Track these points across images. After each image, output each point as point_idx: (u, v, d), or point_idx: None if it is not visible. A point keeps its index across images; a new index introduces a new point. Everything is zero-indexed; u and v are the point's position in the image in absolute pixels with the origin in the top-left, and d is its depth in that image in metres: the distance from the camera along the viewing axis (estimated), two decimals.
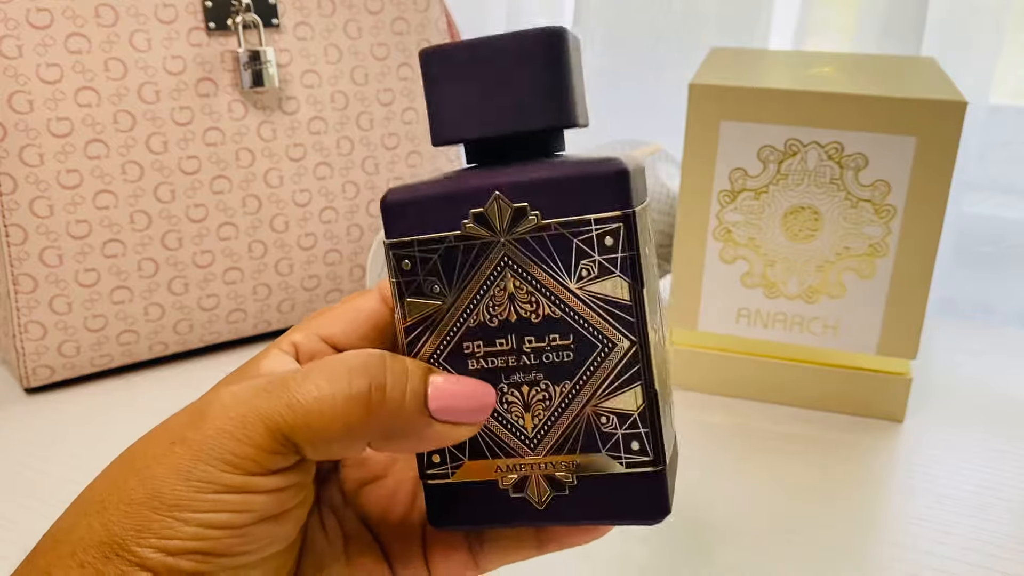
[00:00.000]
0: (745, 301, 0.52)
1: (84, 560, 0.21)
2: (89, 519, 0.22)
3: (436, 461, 0.25)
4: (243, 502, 0.22)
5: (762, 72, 0.54)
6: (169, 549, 0.21)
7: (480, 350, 0.24)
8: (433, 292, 0.24)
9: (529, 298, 0.24)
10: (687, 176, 0.51)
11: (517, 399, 0.24)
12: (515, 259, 0.23)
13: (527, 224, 0.23)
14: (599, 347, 0.23)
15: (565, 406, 0.24)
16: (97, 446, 0.50)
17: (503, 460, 0.25)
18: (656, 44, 0.81)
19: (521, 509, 0.25)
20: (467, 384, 0.24)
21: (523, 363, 0.24)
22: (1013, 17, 0.70)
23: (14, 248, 0.52)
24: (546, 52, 0.23)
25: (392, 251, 0.24)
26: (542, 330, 0.24)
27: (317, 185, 0.60)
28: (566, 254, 0.23)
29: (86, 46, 0.52)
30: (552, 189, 0.23)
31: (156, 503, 0.21)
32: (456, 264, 0.24)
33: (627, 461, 0.24)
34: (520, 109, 0.23)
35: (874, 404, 0.53)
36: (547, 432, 0.24)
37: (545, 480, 0.25)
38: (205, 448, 0.22)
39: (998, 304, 0.78)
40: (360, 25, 0.61)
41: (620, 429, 0.24)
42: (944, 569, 0.41)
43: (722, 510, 0.45)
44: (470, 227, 0.23)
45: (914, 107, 0.46)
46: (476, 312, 0.24)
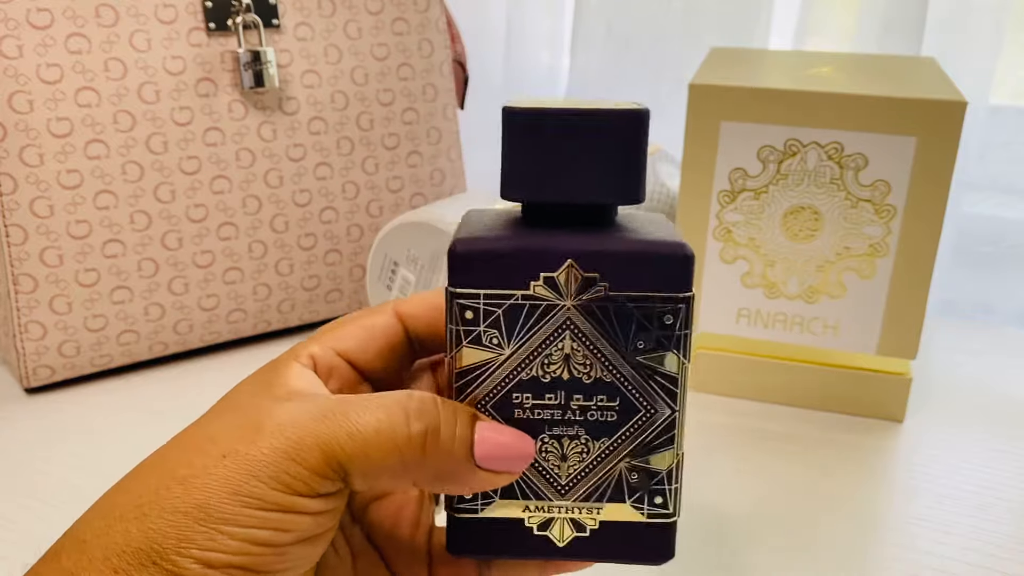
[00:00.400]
0: (745, 301, 0.52)
1: (118, 566, 0.21)
2: (126, 524, 0.22)
3: (467, 498, 0.26)
4: (288, 521, 0.22)
5: (762, 72, 0.54)
6: (210, 561, 0.21)
7: (528, 402, 0.25)
8: (491, 344, 0.25)
9: (584, 361, 0.25)
10: (687, 176, 0.51)
11: (555, 449, 0.26)
12: (577, 324, 0.25)
13: (594, 294, 0.25)
14: (642, 411, 0.25)
15: (600, 460, 0.26)
16: (97, 446, 0.50)
17: (533, 502, 0.26)
18: (656, 44, 0.81)
19: (542, 545, 0.26)
20: (509, 435, 0.25)
21: (567, 418, 0.25)
22: (1013, 17, 0.70)
23: (14, 248, 0.52)
24: (632, 133, 0.24)
25: (456, 300, 0.25)
26: (591, 391, 0.25)
27: (317, 185, 0.60)
28: (626, 325, 0.25)
29: (86, 46, 0.53)
30: (622, 263, 0.24)
31: (202, 515, 0.22)
32: (519, 321, 0.25)
33: (649, 512, 0.26)
34: (600, 182, 0.25)
35: (874, 404, 0.53)
36: (579, 481, 0.26)
37: (570, 523, 0.26)
38: (259, 465, 0.22)
39: (998, 304, 0.78)
40: (360, 25, 0.61)
41: (648, 484, 0.26)
42: (944, 569, 0.41)
43: (722, 510, 0.45)
44: (539, 288, 0.25)
45: (914, 107, 0.46)
46: (531, 367, 0.25)
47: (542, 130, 0.24)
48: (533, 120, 0.24)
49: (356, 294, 0.64)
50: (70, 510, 0.46)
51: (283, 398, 0.24)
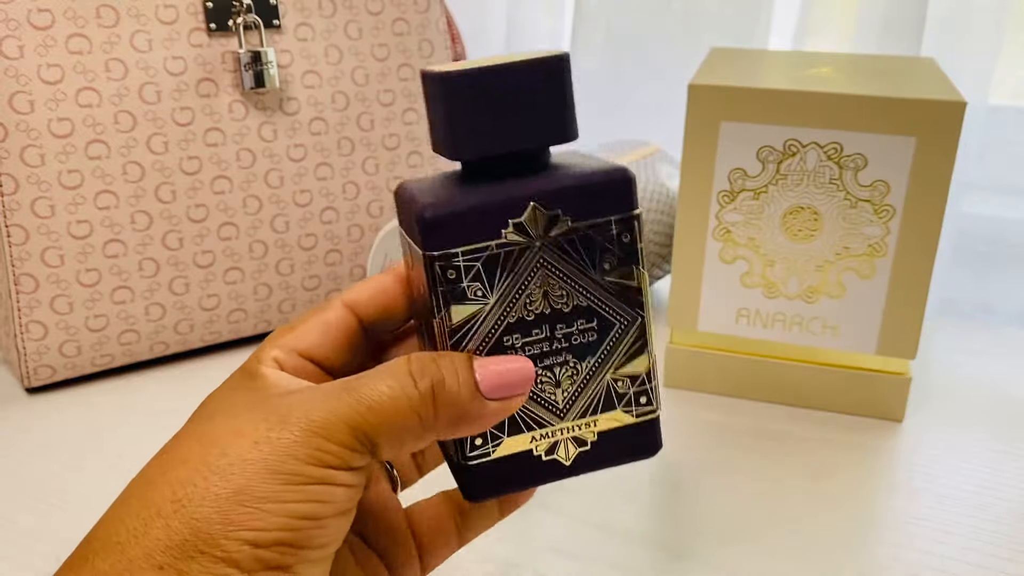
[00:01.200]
0: (745, 301, 0.52)
1: (163, 562, 0.22)
2: (166, 520, 0.22)
3: (478, 444, 0.27)
4: (326, 492, 0.23)
5: (762, 72, 0.54)
6: (258, 541, 0.22)
7: (518, 341, 0.27)
8: (476, 296, 0.26)
9: (561, 292, 0.27)
10: (687, 176, 0.51)
11: (549, 378, 0.28)
12: (549, 259, 0.27)
13: (560, 228, 0.26)
14: (616, 325, 0.28)
15: (589, 378, 0.28)
16: (98, 446, 0.50)
17: (537, 431, 0.28)
18: (656, 44, 0.82)
19: (551, 469, 0.28)
20: (507, 361, 0.26)
21: (555, 348, 0.27)
22: (1013, 17, 0.70)
23: (15, 248, 0.52)
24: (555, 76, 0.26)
25: (436, 263, 0.26)
26: (571, 317, 0.27)
27: (318, 185, 0.60)
28: (592, 251, 0.27)
29: (87, 47, 0.53)
30: (578, 196, 0.26)
31: (245, 497, 0.22)
32: (497, 269, 0.26)
33: (637, 412, 0.28)
34: (536, 128, 0.27)
35: (874, 404, 0.53)
36: (574, 401, 0.28)
37: (572, 441, 0.28)
38: (292, 446, 0.23)
39: (998, 304, 0.78)
40: (361, 26, 0.61)
41: (632, 388, 0.28)
42: (944, 569, 0.41)
43: (721, 509, 0.45)
44: (510, 235, 0.26)
45: (914, 107, 0.46)
46: (515, 309, 0.27)
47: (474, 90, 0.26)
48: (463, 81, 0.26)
49: None
50: (70, 510, 0.46)
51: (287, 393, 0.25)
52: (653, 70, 0.82)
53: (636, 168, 0.64)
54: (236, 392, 0.26)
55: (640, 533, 0.43)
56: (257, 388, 0.26)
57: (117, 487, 0.25)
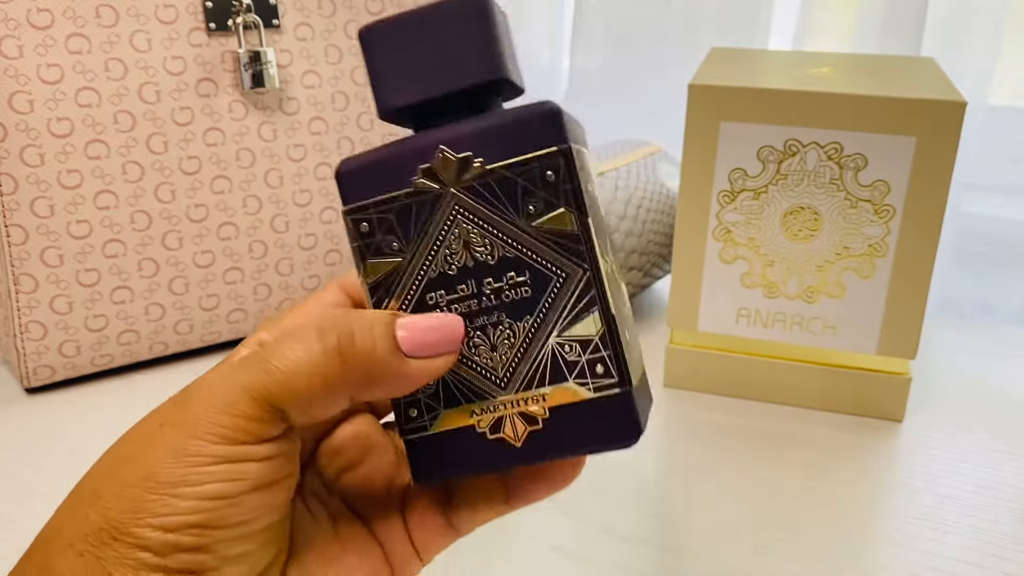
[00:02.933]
0: (745, 301, 0.52)
1: (82, 549, 0.22)
2: (85, 510, 0.22)
3: (413, 415, 0.26)
4: (236, 471, 0.22)
5: (762, 72, 0.54)
6: (167, 526, 0.22)
7: (443, 299, 0.25)
8: (392, 250, 0.25)
9: (483, 241, 0.25)
10: (687, 176, 0.51)
11: (483, 341, 0.25)
12: (465, 207, 0.25)
13: (473, 172, 0.24)
14: (553, 279, 0.24)
15: (529, 341, 0.25)
16: (97, 446, 0.50)
17: (477, 404, 0.25)
18: (656, 44, 0.81)
19: (500, 451, 0.25)
20: (434, 318, 0.24)
21: (485, 305, 0.25)
22: (1013, 18, 0.70)
23: (15, 248, 0.52)
24: (470, 13, 0.25)
25: (350, 217, 0.25)
26: (499, 270, 0.25)
27: (318, 185, 0.60)
28: (512, 195, 0.24)
29: (86, 46, 0.53)
30: (492, 136, 0.24)
31: (151, 483, 0.22)
32: (411, 220, 0.25)
33: (595, 385, 0.24)
34: (452, 68, 0.25)
35: (874, 404, 0.53)
36: (515, 369, 0.25)
37: (520, 417, 0.25)
38: (194, 425, 0.22)
39: (998, 304, 0.78)
40: (360, 26, 0.61)
41: (584, 355, 0.24)
42: (944, 569, 0.41)
43: (721, 509, 0.45)
44: (420, 182, 0.25)
45: (914, 107, 0.46)
46: (435, 263, 0.25)
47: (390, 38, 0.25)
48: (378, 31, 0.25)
49: None
50: None
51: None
52: (653, 70, 0.82)
53: (636, 168, 0.63)
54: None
55: (640, 533, 0.43)
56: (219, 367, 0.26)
57: None
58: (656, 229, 0.63)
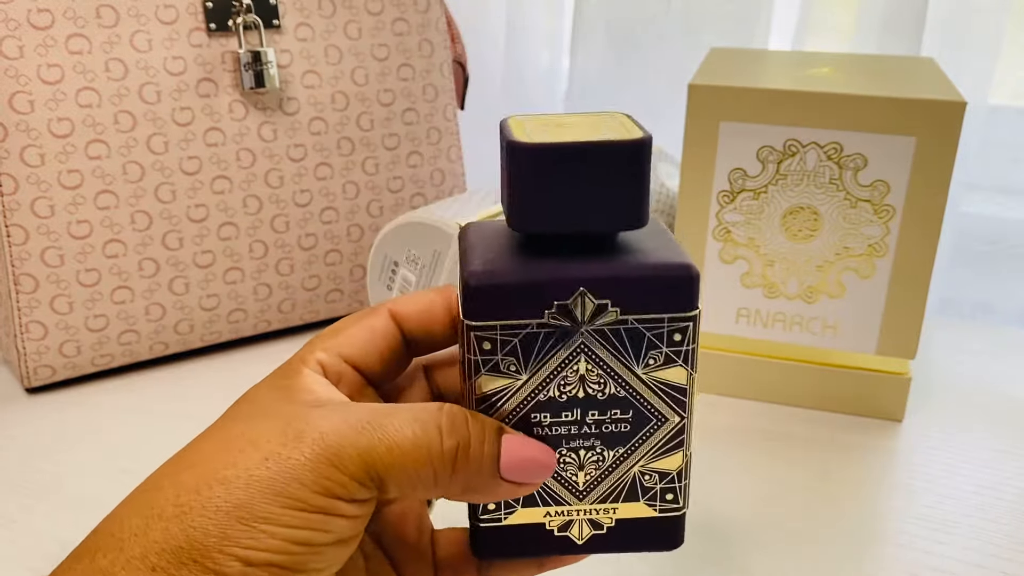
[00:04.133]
0: (745, 301, 0.52)
1: (156, 564, 0.22)
2: (166, 523, 0.22)
3: (491, 509, 0.27)
4: (326, 522, 0.23)
5: (762, 72, 0.54)
6: (250, 559, 0.22)
7: (547, 420, 0.26)
8: (509, 371, 0.26)
9: (598, 380, 0.26)
10: (687, 176, 0.51)
11: (573, 460, 0.27)
12: (590, 346, 0.26)
13: (606, 318, 0.25)
14: (653, 421, 0.27)
15: (615, 466, 0.27)
16: (98, 446, 0.50)
17: (553, 507, 0.27)
18: (656, 44, 0.81)
19: (561, 544, 0.28)
20: (532, 449, 0.26)
21: (584, 432, 0.27)
22: (1013, 17, 0.70)
23: (15, 248, 0.52)
24: (635, 161, 0.25)
25: (473, 332, 0.25)
26: (605, 406, 0.26)
27: (318, 185, 0.60)
28: (637, 345, 0.26)
29: (87, 47, 0.53)
30: (632, 287, 0.25)
31: (244, 514, 0.22)
32: (535, 348, 0.26)
33: (661, 508, 0.28)
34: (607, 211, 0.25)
35: (874, 404, 0.53)
36: (596, 486, 0.27)
37: (588, 522, 0.28)
38: (301, 469, 0.23)
39: (998, 304, 0.78)
40: (360, 26, 0.61)
41: (659, 484, 0.27)
42: (944, 569, 0.41)
43: (721, 509, 0.45)
44: (552, 317, 0.25)
45: (914, 107, 0.46)
46: (548, 389, 0.26)
47: (548, 164, 0.25)
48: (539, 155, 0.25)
49: (356, 294, 0.64)
50: (70, 510, 0.46)
51: (313, 404, 0.25)
52: (653, 70, 0.82)
53: None
54: (270, 392, 0.26)
55: None
56: (291, 389, 0.26)
57: (117, 487, 0.25)
58: None
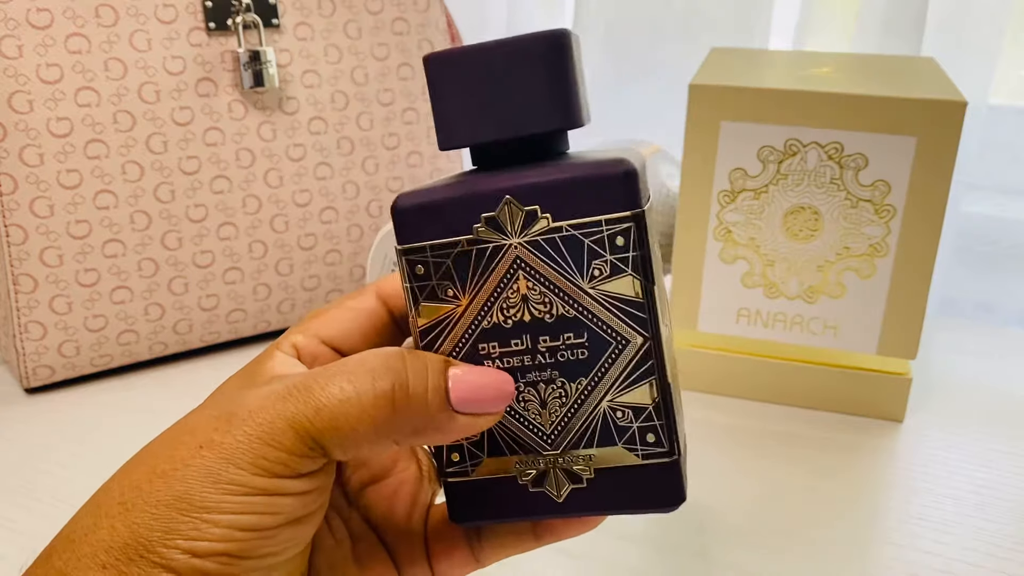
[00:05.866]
0: (745, 301, 0.52)
1: (106, 562, 0.21)
2: (112, 520, 0.22)
3: (456, 460, 0.25)
4: (271, 504, 0.22)
5: (762, 72, 0.54)
6: (196, 551, 0.21)
7: (496, 351, 0.25)
8: (447, 296, 0.24)
9: (542, 299, 0.24)
10: (687, 176, 0.51)
11: (534, 397, 0.25)
12: (527, 261, 0.24)
13: (538, 227, 0.23)
14: (613, 344, 0.24)
15: (581, 402, 0.25)
16: (97, 446, 0.50)
17: (521, 456, 0.25)
18: (656, 44, 0.81)
19: (540, 502, 0.25)
20: (486, 374, 0.24)
21: (538, 362, 0.24)
22: (1013, 18, 0.70)
23: (14, 248, 0.52)
24: (550, 55, 0.23)
25: (405, 256, 0.24)
26: (556, 329, 0.24)
27: (317, 185, 0.60)
28: (578, 255, 0.24)
29: (86, 46, 0.53)
30: (562, 191, 0.23)
31: (184, 505, 0.22)
32: (469, 268, 0.24)
33: (643, 453, 0.25)
34: (527, 113, 0.24)
35: (874, 404, 0.53)
36: (564, 427, 0.25)
37: (563, 474, 0.25)
38: (235, 452, 0.22)
39: (998, 304, 0.78)
40: (360, 25, 0.61)
41: (635, 422, 0.24)
42: (944, 569, 0.41)
43: (721, 510, 0.45)
44: (482, 231, 0.24)
45: (914, 107, 0.46)
46: (490, 314, 0.24)
47: (462, 69, 0.24)
48: (450, 60, 0.24)
49: None
50: (70, 510, 0.46)
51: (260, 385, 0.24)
52: (653, 70, 0.82)
53: None
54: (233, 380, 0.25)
55: (641, 533, 0.43)
56: (252, 374, 0.25)
57: None
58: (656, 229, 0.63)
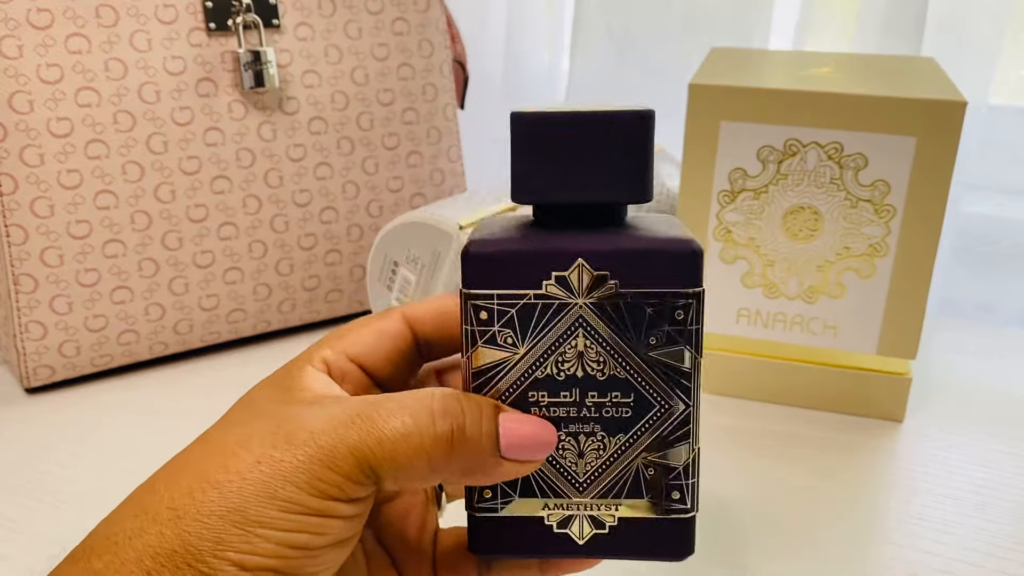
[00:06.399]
0: (745, 301, 0.52)
1: (151, 568, 0.22)
2: (160, 527, 0.22)
3: (487, 496, 0.26)
4: (322, 525, 0.23)
5: (762, 72, 0.54)
6: (245, 564, 0.22)
7: (544, 399, 0.26)
8: (506, 343, 0.25)
9: (598, 358, 0.25)
10: (687, 176, 0.51)
11: (572, 447, 0.26)
12: (589, 321, 0.25)
13: (605, 291, 0.25)
14: (656, 407, 0.26)
15: (617, 456, 0.26)
16: (97, 446, 0.50)
17: (552, 499, 0.26)
18: (656, 44, 0.81)
19: (561, 543, 0.27)
20: (533, 424, 0.25)
21: (583, 415, 0.26)
22: (1013, 18, 0.70)
23: (15, 248, 0.52)
24: (639, 132, 0.25)
25: (471, 301, 0.25)
26: (605, 387, 0.26)
27: (317, 185, 0.60)
28: (638, 321, 0.25)
29: (86, 46, 0.53)
30: (631, 260, 0.25)
31: (238, 518, 0.22)
32: (532, 320, 0.25)
33: (667, 508, 0.26)
34: (608, 182, 0.25)
35: (874, 404, 0.53)
36: (597, 478, 0.26)
37: (589, 520, 0.26)
38: (294, 470, 0.22)
39: (998, 304, 0.78)
40: (360, 25, 0.61)
41: (664, 480, 0.26)
42: (944, 569, 0.41)
43: (721, 510, 0.45)
44: (551, 287, 0.25)
45: (914, 107, 0.46)
46: (545, 366, 0.26)
47: (550, 133, 0.25)
48: (541, 124, 0.25)
49: (356, 294, 0.64)
50: (70, 510, 0.46)
51: (308, 403, 0.25)
52: (653, 70, 0.82)
53: None
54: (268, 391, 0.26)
55: None
56: (289, 388, 0.25)
57: (116, 487, 0.25)
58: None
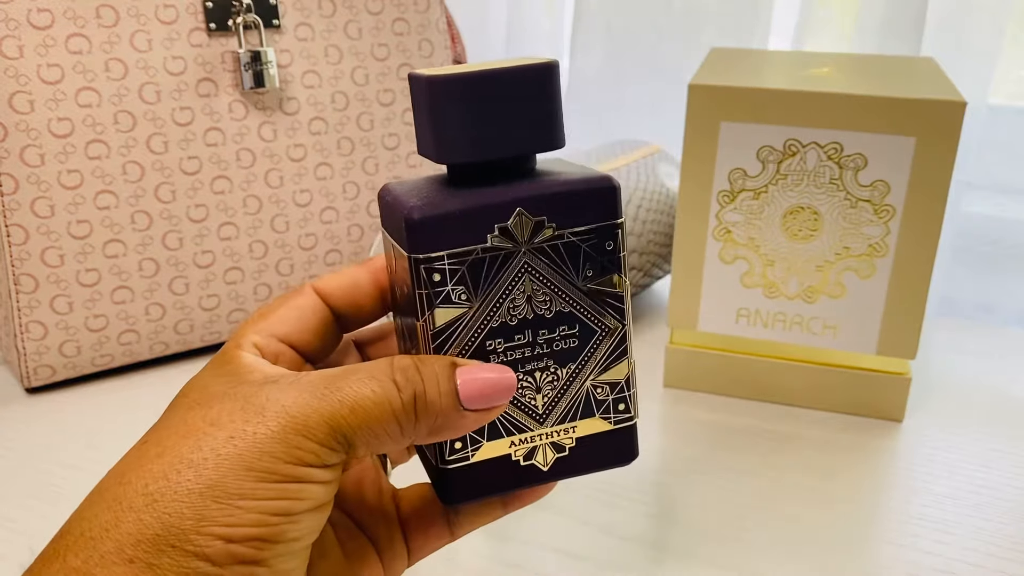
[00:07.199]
0: (745, 301, 0.52)
1: (134, 556, 0.22)
2: (138, 514, 0.22)
3: (458, 448, 0.27)
4: (301, 491, 0.23)
5: (762, 72, 0.54)
6: (231, 536, 0.22)
7: (501, 346, 0.27)
8: (460, 300, 0.26)
9: (544, 297, 0.27)
10: (686, 176, 0.51)
11: (530, 384, 0.28)
12: (534, 265, 0.27)
13: (544, 234, 0.27)
14: (598, 332, 0.28)
15: (570, 383, 0.28)
16: (98, 446, 0.50)
17: (517, 436, 0.28)
18: (656, 44, 0.82)
19: (528, 473, 0.28)
20: (489, 371, 0.26)
21: (536, 353, 0.28)
22: (1013, 18, 0.70)
23: (15, 248, 0.52)
24: (547, 84, 0.27)
25: (422, 265, 0.26)
26: (554, 323, 0.27)
27: (318, 185, 0.60)
28: (576, 258, 0.27)
29: (87, 46, 0.53)
30: (564, 202, 0.27)
31: (218, 492, 0.22)
32: (482, 273, 0.26)
33: (615, 419, 0.29)
34: (525, 135, 0.27)
35: (874, 404, 0.53)
36: (554, 407, 0.28)
37: (551, 446, 0.28)
38: (269, 442, 0.23)
39: (998, 304, 0.78)
40: (360, 26, 0.61)
41: (611, 395, 0.28)
42: (944, 569, 0.41)
43: (721, 510, 0.45)
44: (495, 240, 0.26)
45: (913, 107, 0.46)
46: (498, 314, 0.27)
47: (463, 93, 0.26)
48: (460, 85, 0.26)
49: None
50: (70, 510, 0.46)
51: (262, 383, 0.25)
52: (653, 70, 0.82)
53: (636, 168, 0.64)
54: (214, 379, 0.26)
55: (641, 533, 0.43)
56: (234, 374, 0.26)
57: None
58: (656, 229, 0.63)
